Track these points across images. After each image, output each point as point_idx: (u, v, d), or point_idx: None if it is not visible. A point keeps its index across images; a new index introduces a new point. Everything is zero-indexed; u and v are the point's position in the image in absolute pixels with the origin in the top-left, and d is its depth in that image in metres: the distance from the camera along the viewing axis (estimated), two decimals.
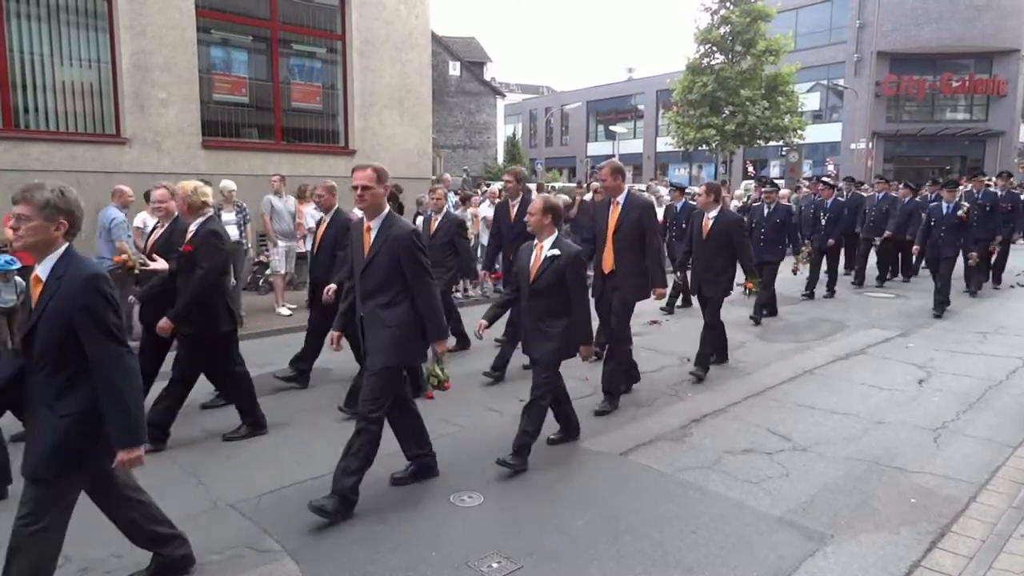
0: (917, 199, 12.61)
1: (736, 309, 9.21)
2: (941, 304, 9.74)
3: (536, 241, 4.72)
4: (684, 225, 9.00)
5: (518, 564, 3.39)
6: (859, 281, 12.35)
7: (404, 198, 11.56)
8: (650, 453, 4.83)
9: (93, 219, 7.94)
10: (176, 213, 5.54)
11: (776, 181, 14.29)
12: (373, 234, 3.97)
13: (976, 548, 3.52)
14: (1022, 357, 7.35)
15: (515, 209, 7.05)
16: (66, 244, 2.79)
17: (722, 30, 28.16)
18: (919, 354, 7.49)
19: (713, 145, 29.62)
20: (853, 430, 5.24)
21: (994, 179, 13.55)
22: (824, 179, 13.19)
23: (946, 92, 33.92)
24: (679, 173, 38.98)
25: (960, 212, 9.50)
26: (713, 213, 6.69)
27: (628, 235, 5.65)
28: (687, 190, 11.99)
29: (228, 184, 9.37)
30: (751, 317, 9.14)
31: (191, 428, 5.29)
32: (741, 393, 6.17)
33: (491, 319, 4.88)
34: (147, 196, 8.08)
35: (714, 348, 6.87)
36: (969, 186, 12.62)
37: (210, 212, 5.13)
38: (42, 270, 2.76)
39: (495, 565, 3.38)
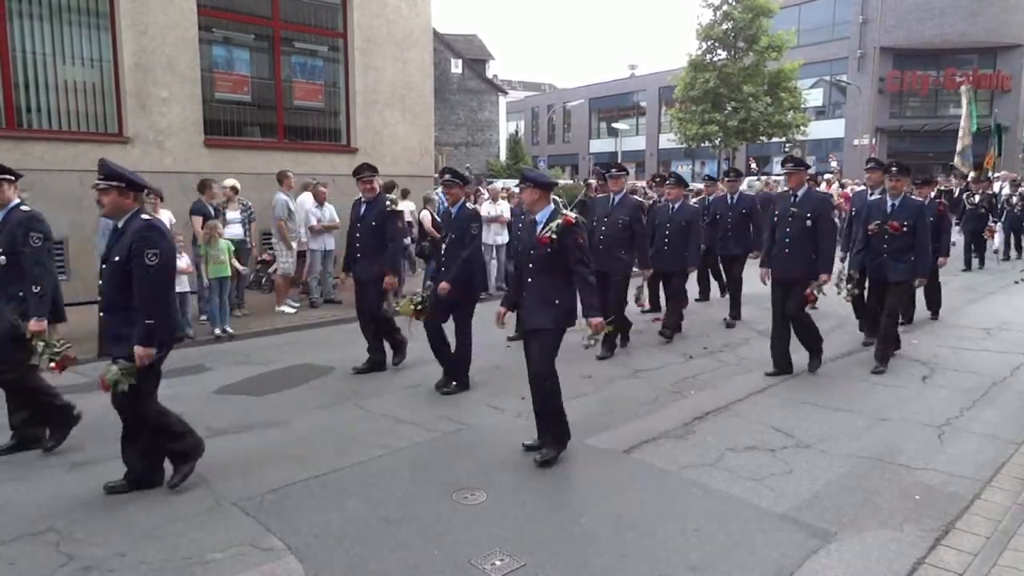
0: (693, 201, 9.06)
1: (744, 308, 9.19)
2: None
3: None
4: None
5: (521, 562, 3.38)
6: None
7: (408, 195, 11.66)
8: (653, 450, 4.83)
9: (94, 219, 7.95)
10: None
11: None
12: None
13: (981, 545, 3.50)
14: None
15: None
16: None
17: (724, 26, 28.12)
18: (922, 350, 7.46)
19: (716, 142, 29.61)
20: (856, 427, 5.22)
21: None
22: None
23: (950, 87, 33.72)
24: (681, 170, 38.89)
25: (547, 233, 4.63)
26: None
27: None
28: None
29: (231, 182, 9.41)
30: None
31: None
32: (744, 390, 6.15)
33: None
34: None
35: None
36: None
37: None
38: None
39: (498, 563, 3.38)
